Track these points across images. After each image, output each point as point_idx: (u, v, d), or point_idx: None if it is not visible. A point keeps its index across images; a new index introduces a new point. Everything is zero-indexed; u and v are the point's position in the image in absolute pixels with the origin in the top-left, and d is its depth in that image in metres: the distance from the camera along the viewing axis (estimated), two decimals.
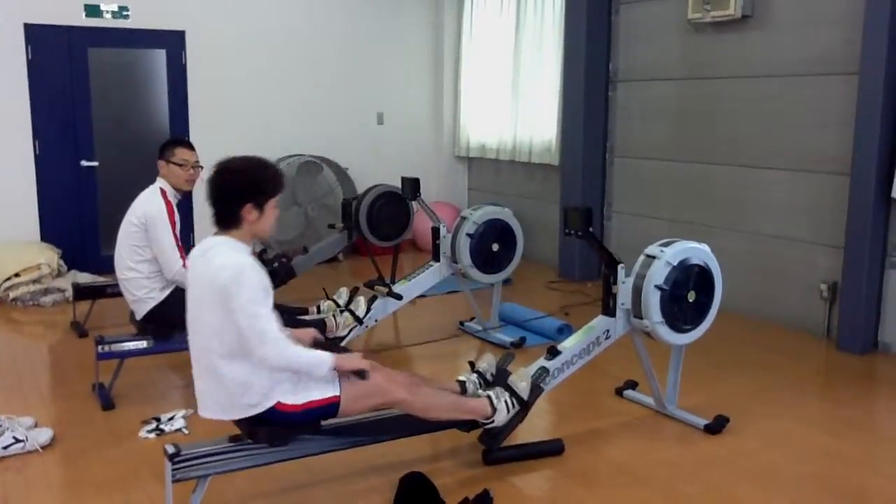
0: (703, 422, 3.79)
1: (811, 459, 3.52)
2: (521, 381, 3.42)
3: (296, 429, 2.88)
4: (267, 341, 2.65)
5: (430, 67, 8.58)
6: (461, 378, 3.43)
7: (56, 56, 6.78)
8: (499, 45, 7.90)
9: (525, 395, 3.40)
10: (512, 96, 7.75)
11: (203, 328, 2.74)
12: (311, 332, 3.20)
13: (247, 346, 2.65)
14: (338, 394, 2.86)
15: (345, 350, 3.34)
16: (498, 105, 7.96)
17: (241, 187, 2.76)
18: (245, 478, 3.12)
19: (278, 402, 2.78)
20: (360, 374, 2.90)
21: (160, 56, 7.22)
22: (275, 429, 2.84)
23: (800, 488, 3.25)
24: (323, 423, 2.97)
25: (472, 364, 3.55)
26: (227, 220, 2.78)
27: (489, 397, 3.32)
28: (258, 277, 2.70)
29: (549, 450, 3.51)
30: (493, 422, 3.31)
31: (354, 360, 2.91)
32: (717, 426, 3.75)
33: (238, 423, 2.86)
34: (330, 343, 3.38)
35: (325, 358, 2.80)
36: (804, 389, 4.41)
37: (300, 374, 2.79)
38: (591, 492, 3.20)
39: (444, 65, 8.52)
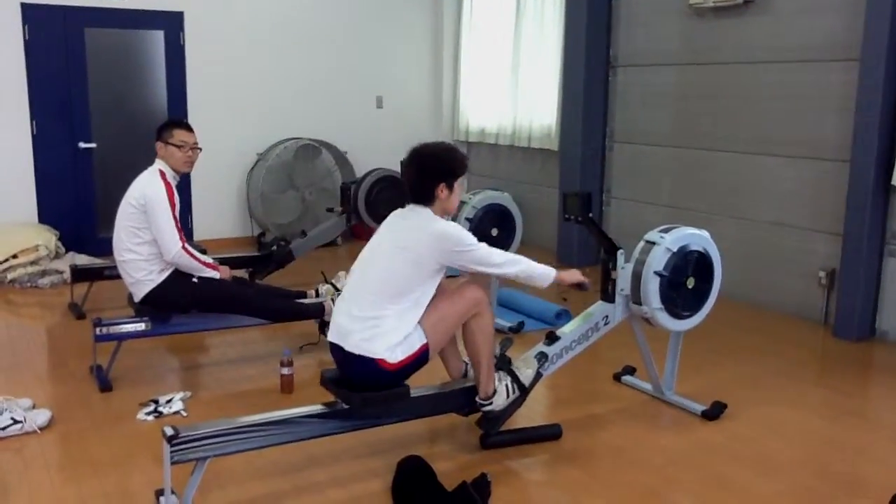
0: (700, 408, 3.80)
1: (808, 446, 3.53)
2: (526, 367, 3.44)
3: (388, 387, 3.07)
4: (498, 262, 3.20)
5: (430, 51, 8.54)
6: (465, 359, 3.44)
7: (53, 36, 6.74)
8: (499, 30, 7.86)
9: (528, 382, 3.41)
10: (511, 81, 7.72)
11: (381, 272, 3.06)
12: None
13: (481, 270, 3.18)
14: (426, 341, 3.08)
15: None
16: (497, 89, 7.93)
17: (435, 170, 3.12)
18: (243, 460, 3.12)
19: (382, 360, 2.98)
20: (581, 287, 3.44)
21: (158, 37, 7.18)
22: (368, 395, 3.02)
23: (796, 474, 3.26)
24: (327, 406, 3.00)
25: None
26: (422, 197, 3.13)
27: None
28: (461, 229, 3.18)
29: (547, 434, 3.52)
30: (491, 404, 3.32)
31: (576, 275, 3.44)
32: (714, 412, 3.76)
33: (338, 385, 3.06)
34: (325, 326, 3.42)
35: (550, 270, 3.30)
36: (801, 376, 4.42)
37: (530, 279, 3.28)
38: (588, 476, 3.21)
39: (444, 49, 8.48)
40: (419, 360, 3.09)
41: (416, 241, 3.06)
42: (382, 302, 3.02)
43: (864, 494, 3.12)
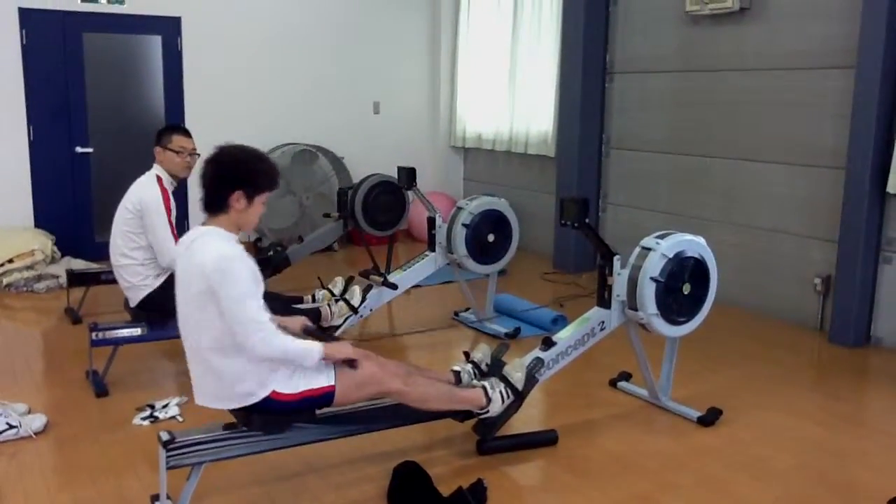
0: (696, 413, 3.80)
1: (803, 451, 3.54)
2: (516, 371, 3.43)
3: (291, 417, 2.88)
4: (255, 331, 2.62)
5: (427, 57, 8.56)
6: (456, 368, 3.43)
7: (51, 41, 6.74)
8: (496, 36, 7.88)
9: (520, 385, 3.40)
10: (509, 87, 7.73)
11: (192, 323, 2.72)
12: (301, 320, 3.19)
13: (236, 338, 2.63)
14: (332, 383, 2.85)
15: (335, 339, 3.32)
16: (494, 96, 7.94)
17: (234, 174, 2.74)
18: (239, 466, 3.12)
19: (273, 392, 2.77)
20: (351, 364, 2.89)
21: (156, 42, 7.19)
22: (270, 416, 2.84)
23: (791, 480, 3.27)
24: (318, 411, 2.97)
25: (467, 354, 3.56)
26: (214, 205, 2.75)
27: (484, 387, 3.33)
28: (246, 266, 2.66)
29: (543, 440, 3.52)
30: (487, 412, 3.31)
31: (344, 349, 2.89)
32: (710, 418, 3.77)
33: (233, 411, 2.86)
34: (321, 331, 3.36)
35: (314, 347, 2.77)
36: (797, 382, 4.43)
37: (291, 364, 2.77)
38: (584, 482, 3.21)
39: (441, 55, 8.50)
40: (321, 398, 2.84)
41: (202, 275, 2.61)
42: (226, 356, 2.67)
43: (859, 500, 3.12)
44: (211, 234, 2.72)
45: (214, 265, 2.60)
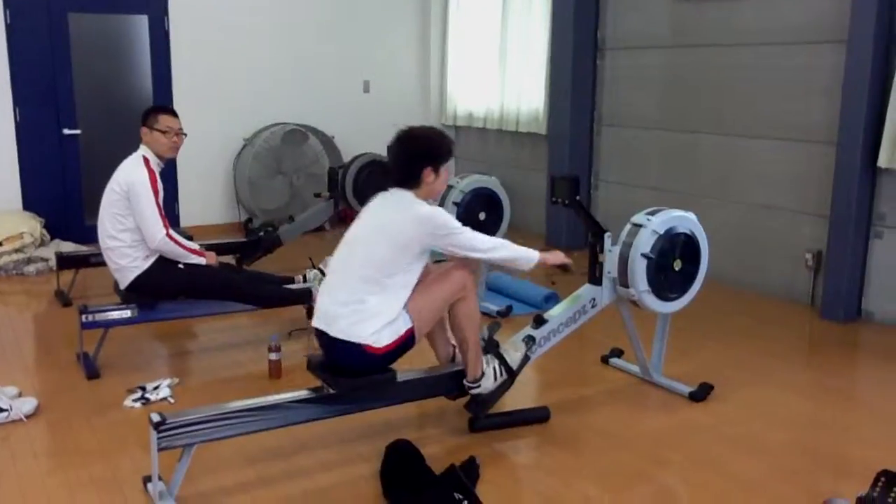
0: (687, 389, 3.81)
1: (794, 426, 3.56)
2: (513, 350, 3.45)
3: (374, 372, 3.07)
4: (482, 246, 3.17)
5: (417, 35, 8.49)
6: (454, 342, 3.44)
7: (35, 21, 6.65)
8: (486, 13, 7.82)
9: (515, 365, 3.42)
10: (499, 64, 7.68)
11: (364, 257, 3.03)
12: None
13: (466, 255, 3.15)
14: (412, 325, 3.06)
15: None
16: (485, 73, 7.89)
17: (424, 152, 3.10)
18: (231, 446, 3.11)
19: (368, 345, 2.97)
20: (565, 268, 3.46)
21: (142, 22, 7.11)
22: (355, 381, 3.03)
23: (782, 454, 3.29)
24: (315, 391, 3.01)
25: None
26: (408, 180, 3.11)
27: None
28: (445, 213, 3.15)
29: (535, 417, 3.53)
30: (479, 386, 3.32)
31: (559, 256, 3.45)
32: (701, 394, 3.78)
33: (324, 371, 3.06)
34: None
35: (534, 253, 3.30)
36: (788, 357, 4.45)
37: (516, 262, 3.27)
38: (576, 458, 3.23)
39: (431, 32, 8.43)
40: (405, 344, 3.08)
41: (399, 224, 3.04)
42: (366, 286, 3.00)
43: (849, 473, 3.14)
44: (412, 197, 3.12)
45: (428, 212, 3.06)
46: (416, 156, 3.11)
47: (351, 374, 3.05)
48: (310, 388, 3.09)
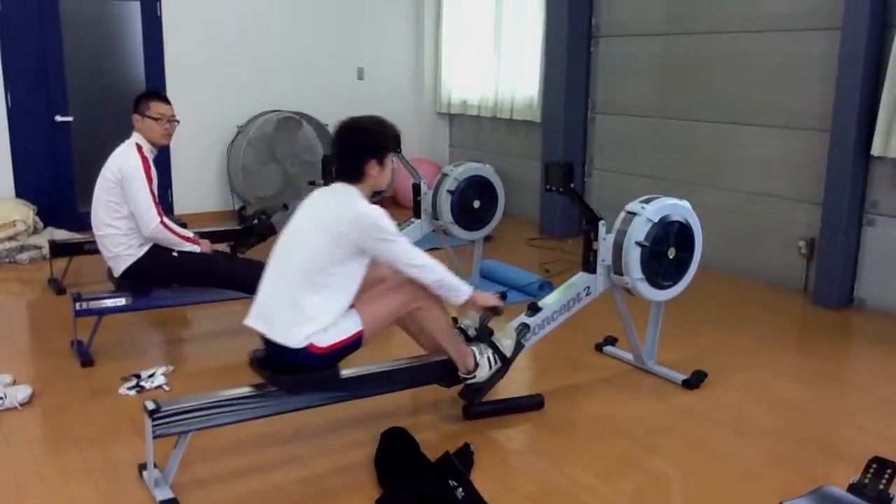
0: (681, 376, 3.83)
1: (787, 412, 3.58)
2: (506, 338, 3.45)
3: (316, 374, 2.96)
4: (415, 263, 3.00)
5: (412, 22, 8.46)
6: None
7: (27, 6, 6.60)
8: (480, 0, 7.80)
9: (509, 352, 3.42)
10: (494, 52, 7.66)
11: (302, 252, 2.90)
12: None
13: (396, 267, 3.01)
14: (361, 328, 2.97)
15: None
16: (479, 61, 7.87)
17: (366, 144, 2.97)
18: (226, 434, 3.12)
19: (311, 344, 2.86)
20: (496, 311, 3.27)
21: (135, 7, 7.06)
22: (297, 377, 2.91)
23: (775, 440, 3.31)
24: (310, 375, 3.00)
25: (455, 320, 3.55)
26: (351, 174, 2.99)
27: (472, 352, 3.34)
28: (386, 217, 2.98)
29: (529, 404, 3.54)
30: (474, 377, 3.33)
31: (490, 298, 3.25)
32: (694, 381, 3.80)
33: (261, 366, 2.95)
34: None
35: (466, 288, 3.12)
36: (781, 344, 4.47)
37: (442, 290, 3.07)
38: (570, 445, 3.24)
39: (426, 19, 8.40)
40: (351, 345, 2.97)
41: (335, 219, 2.90)
42: (306, 285, 2.87)
43: (842, 459, 3.16)
44: (354, 192, 2.99)
45: (367, 211, 2.90)
46: (358, 148, 2.97)
47: (294, 371, 2.93)
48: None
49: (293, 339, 2.85)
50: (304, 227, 2.98)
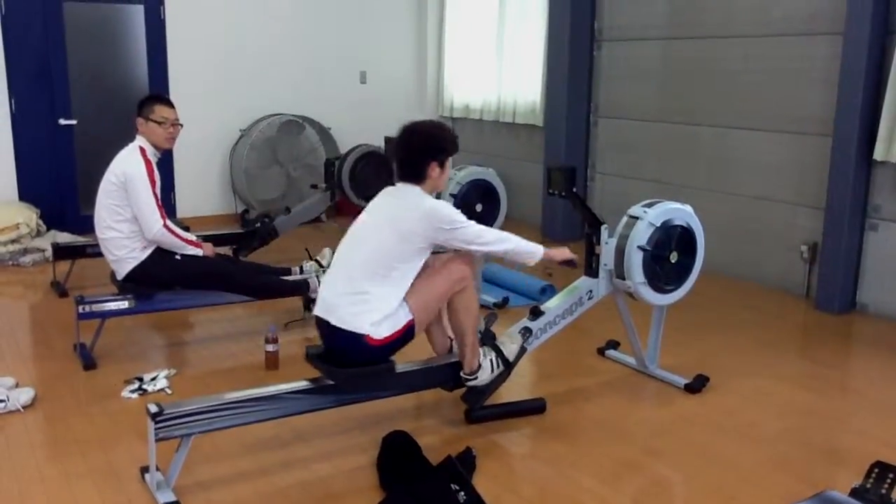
0: (683, 381, 3.83)
1: (789, 416, 3.58)
2: (510, 342, 3.45)
3: (371, 367, 3.06)
4: (487, 239, 3.18)
5: (414, 26, 8.47)
6: (451, 335, 3.44)
7: (30, 10, 6.62)
8: (483, 4, 7.80)
9: (512, 357, 3.42)
10: (496, 56, 7.67)
11: (369, 247, 3.05)
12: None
13: (469, 249, 3.16)
14: (412, 317, 3.07)
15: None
16: (482, 65, 7.88)
17: (427, 146, 3.13)
18: (229, 437, 3.12)
19: (368, 336, 2.97)
20: (570, 263, 3.46)
21: (138, 11, 7.07)
22: (354, 371, 3.03)
23: (778, 444, 3.30)
24: (313, 381, 3.01)
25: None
26: (413, 175, 3.13)
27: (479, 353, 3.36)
28: (451, 206, 3.19)
29: (532, 408, 3.54)
30: (476, 378, 3.33)
31: (564, 252, 3.45)
32: (697, 385, 3.80)
33: (322, 361, 3.05)
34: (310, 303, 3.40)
35: (539, 248, 3.30)
36: (783, 348, 4.47)
37: (518, 256, 3.27)
38: (572, 448, 3.24)
39: (428, 24, 8.40)
40: (405, 336, 3.09)
41: (406, 218, 3.06)
42: (369, 277, 3.02)
43: (844, 464, 3.16)
44: (419, 192, 3.15)
45: (435, 207, 3.08)
46: (421, 151, 3.13)
47: (349, 365, 3.05)
48: (307, 378, 3.09)
49: (356, 324, 2.98)
50: (372, 225, 3.13)
